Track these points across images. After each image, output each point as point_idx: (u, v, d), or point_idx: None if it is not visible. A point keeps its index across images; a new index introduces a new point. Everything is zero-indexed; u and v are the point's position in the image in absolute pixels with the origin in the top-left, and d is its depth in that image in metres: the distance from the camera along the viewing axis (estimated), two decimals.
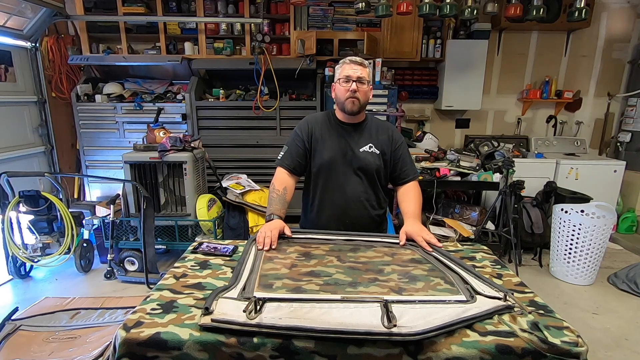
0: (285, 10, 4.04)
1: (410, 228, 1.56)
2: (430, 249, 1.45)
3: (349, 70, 1.67)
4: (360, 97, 1.68)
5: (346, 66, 1.69)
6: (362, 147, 1.75)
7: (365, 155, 1.75)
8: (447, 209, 3.75)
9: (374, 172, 1.76)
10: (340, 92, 1.71)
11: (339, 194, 1.76)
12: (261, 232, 1.50)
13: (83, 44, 4.04)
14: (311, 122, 1.81)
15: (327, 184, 1.78)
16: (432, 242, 1.48)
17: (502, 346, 0.92)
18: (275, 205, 1.68)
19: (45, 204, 3.14)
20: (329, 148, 1.75)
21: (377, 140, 1.77)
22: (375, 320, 0.94)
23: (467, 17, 3.59)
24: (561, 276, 3.25)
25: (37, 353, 1.95)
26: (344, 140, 1.76)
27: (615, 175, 4.03)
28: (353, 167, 1.75)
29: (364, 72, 1.68)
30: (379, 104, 3.92)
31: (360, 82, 1.67)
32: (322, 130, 1.78)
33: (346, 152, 1.75)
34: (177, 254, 3.29)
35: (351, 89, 1.66)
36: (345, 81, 1.68)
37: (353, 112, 1.71)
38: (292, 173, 1.78)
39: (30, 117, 3.86)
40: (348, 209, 1.76)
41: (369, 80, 1.71)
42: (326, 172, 1.76)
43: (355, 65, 1.68)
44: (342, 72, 1.70)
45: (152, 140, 3.42)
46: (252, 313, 0.95)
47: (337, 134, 1.77)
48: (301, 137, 1.78)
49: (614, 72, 4.55)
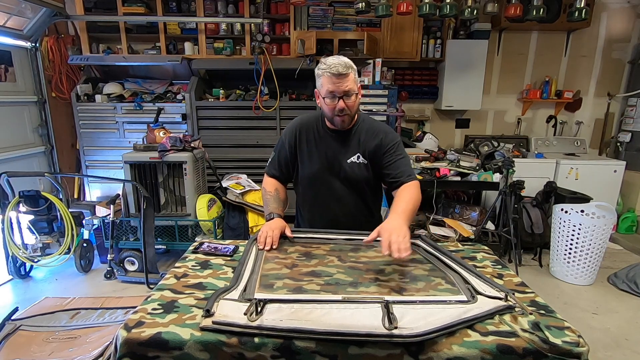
0: (285, 10, 4.05)
1: (386, 225, 1.32)
2: (385, 252, 1.20)
3: (331, 86, 1.46)
4: (350, 111, 1.52)
5: (326, 80, 1.46)
6: (350, 157, 1.62)
7: (352, 167, 1.62)
8: (447, 209, 3.75)
9: (362, 184, 1.66)
10: (327, 109, 1.53)
11: (329, 207, 1.69)
12: (262, 232, 1.49)
13: (83, 44, 4.04)
14: (299, 128, 1.67)
15: (316, 196, 1.70)
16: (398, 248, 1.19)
17: (503, 346, 0.92)
18: (272, 205, 1.67)
19: (45, 204, 3.14)
20: (316, 160, 1.65)
21: (365, 149, 1.62)
22: (376, 321, 0.94)
23: (467, 17, 3.59)
24: (561, 276, 3.25)
25: (37, 353, 1.95)
26: (331, 151, 1.63)
27: (615, 175, 4.03)
28: (340, 179, 1.65)
29: (349, 81, 1.46)
30: (379, 104, 3.92)
31: (347, 95, 1.47)
32: (309, 139, 1.66)
33: (333, 164, 1.64)
34: (177, 254, 3.29)
35: (338, 108, 1.48)
36: (330, 98, 1.48)
37: (344, 127, 1.59)
38: (280, 180, 1.75)
39: (30, 117, 3.86)
40: (339, 223, 1.67)
41: (356, 86, 1.51)
42: (314, 184, 1.68)
43: (338, 78, 1.44)
44: (323, 87, 1.49)
45: (152, 140, 3.42)
46: (253, 315, 0.95)
47: (325, 144, 1.64)
48: (286, 146, 1.69)
49: (614, 72, 4.55)
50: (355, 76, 1.50)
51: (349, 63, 1.47)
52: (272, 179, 1.75)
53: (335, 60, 1.46)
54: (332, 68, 1.44)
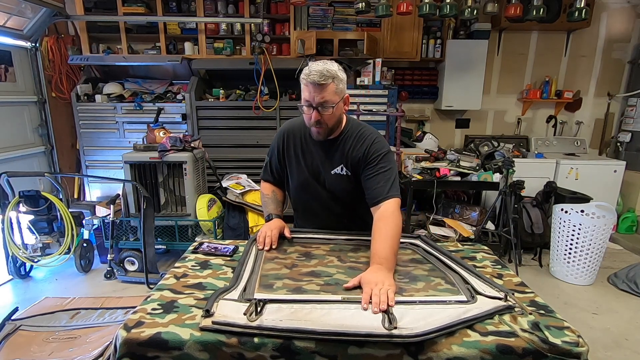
0: (285, 10, 4.05)
1: (368, 276, 1.15)
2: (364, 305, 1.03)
3: (307, 95, 1.38)
4: (327, 123, 1.42)
5: (304, 88, 1.38)
6: (334, 169, 1.53)
7: (335, 179, 1.54)
8: (447, 209, 3.75)
9: (347, 196, 1.57)
10: (305, 117, 1.46)
11: (320, 216, 1.65)
12: (262, 232, 1.49)
13: (83, 44, 4.04)
14: (288, 134, 1.60)
15: (306, 204, 1.67)
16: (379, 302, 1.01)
17: (503, 346, 0.92)
18: (270, 206, 1.68)
19: (45, 204, 3.14)
20: (302, 169, 1.58)
21: (348, 159, 1.51)
22: (376, 322, 0.94)
23: (467, 17, 3.59)
24: (561, 276, 3.25)
25: (37, 353, 1.95)
26: (315, 161, 1.56)
27: (615, 175, 4.03)
28: (327, 190, 1.58)
29: (327, 92, 1.35)
30: (379, 104, 3.92)
31: (323, 107, 1.37)
32: (295, 145, 1.58)
33: (319, 174, 1.57)
34: (177, 254, 3.29)
35: (313, 119, 1.40)
36: (307, 106, 1.40)
37: (320, 140, 1.49)
38: (275, 184, 1.73)
39: (30, 117, 3.86)
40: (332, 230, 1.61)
41: (337, 99, 1.39)
42: (304, 193, 1.63)
43: (315, 86, 1.34)
44: (303, 94, 1.40)
45: (152, 140, 3.42)
46: (252, 315, 0.96)
47: (310, 153, 1.56)
48: (276, 153, 1.64)
49: (614, 72, 4.55)
50: (337, 87, 1.38)
51: (331, 73, 1.35)
52: (268, 184, 1.75)
53: (318, 67, 1.36)
54: (310, 76, 1.34)
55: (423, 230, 3.51)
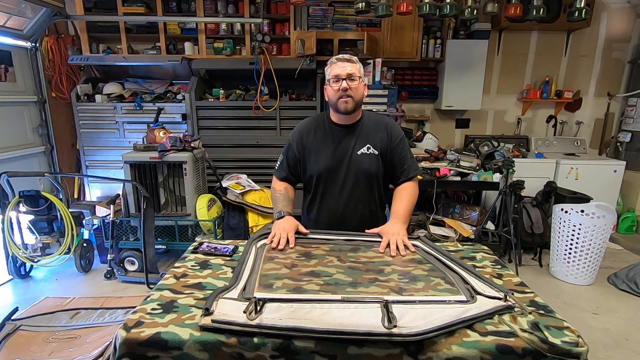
0: (285, 10, 4.04)
1: (388, 227, 1.53)
2: (381, 251, 1.41)
3: (337, 70, 1.60)
4: (353, 95, 1.61)
5: (334, 66, 1.62)
6: (360, 149, 1.69)
7: (362, 159, 1.69)
8: (447, 209, 3.75)
9: (372, 176, 1.71)
10: (332, 94, 1.64)
11: (337, 202, 1.73)
12: (276, 233, 1.48)
13: (83, 44, 4.04)
14: (303, 130, 1.75)
15: (325, 192, 1.75)
16: (398, 247, 1.41)
17: (503, 346, 0.92)
18: (282, 203, 1.71)
19: (45, 204, 3.14)
20: (324, 156, 1.70)
21: (375, 140, 1.70)
22: (376, 320, 0.94)
23: (467, 17, 3.59)
24: (561, 276, 3.25)
25: (37, 353, 1.95)
26: (340, 144, 1.70)
27: (615, 175, 4.03)
28: (351, 172, 1.70)
29: (354, 68, 1.60)
30: (379, 104, 3.92)
31: (350, 79, 1.59)
32: (315, 137, 1.73)
33: (343, 158, 1.69)
34: (177, 254, 3.29)
35: (342, 88, 1.59)
36: (335, 81, 1.61)
37: (347, 111, 1.63)
38: (289, 182, 1.82)
39: (30, 117, 3.86)
40: (347, 216, 1.74)
41: (360, 76, 1.63)
42: (324, 180, 1.73)
43: (343, 62, 1.61)
44: (331, 73, 1.63)
45: (152, 140, 3.42)
46: (252, 314, 0.95)
47: (333, 138, 1.71)
48: (293, 149, 1.76)
49: (614, 72, 4.54)
50: (360, 69, 1.64)
51: (354, 57, 1.63)
52: (281, 181, 1.81)
53: (343, 54, 1.67)
54: (339, 56, 1.64)
55: (423, 230, 3.51)
